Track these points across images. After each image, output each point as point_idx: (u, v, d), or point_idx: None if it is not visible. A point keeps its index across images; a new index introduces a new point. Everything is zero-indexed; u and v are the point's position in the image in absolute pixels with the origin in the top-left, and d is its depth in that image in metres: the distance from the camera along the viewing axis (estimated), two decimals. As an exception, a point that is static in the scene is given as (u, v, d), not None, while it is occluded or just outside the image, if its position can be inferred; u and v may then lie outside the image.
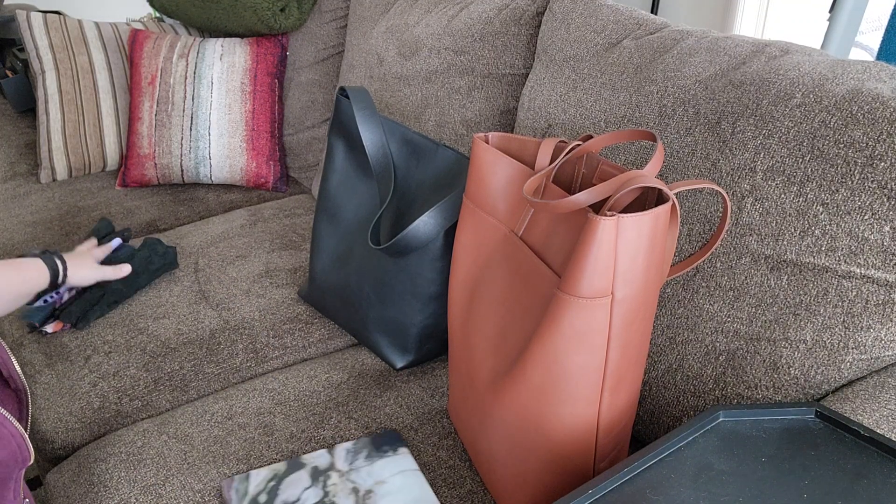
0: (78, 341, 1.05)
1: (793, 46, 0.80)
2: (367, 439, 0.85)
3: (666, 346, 0.81)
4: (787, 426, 0.59)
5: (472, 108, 1.15)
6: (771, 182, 0.72)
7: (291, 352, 1.07)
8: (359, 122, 0.96)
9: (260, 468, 0.81)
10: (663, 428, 0.84)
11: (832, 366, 0.70)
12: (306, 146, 1.62)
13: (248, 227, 1.37)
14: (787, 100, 0.73)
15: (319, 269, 1.08)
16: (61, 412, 0.95)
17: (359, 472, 0.80)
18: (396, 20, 1.31)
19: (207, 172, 1.55)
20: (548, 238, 0.66)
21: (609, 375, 0.63)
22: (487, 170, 0.74)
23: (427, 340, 0.98)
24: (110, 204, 1.52)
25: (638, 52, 0.89)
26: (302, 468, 0.81)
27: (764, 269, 0.73)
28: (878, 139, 0.66)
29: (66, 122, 1.57)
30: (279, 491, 0.78)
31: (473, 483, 0.80)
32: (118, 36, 1.66)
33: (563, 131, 0.96)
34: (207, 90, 1.52)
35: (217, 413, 0.91)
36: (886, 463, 0.54)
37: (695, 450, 0.57)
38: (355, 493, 0.77)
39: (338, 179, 1.05)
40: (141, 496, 0.79)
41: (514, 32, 1.10)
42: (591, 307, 0.59)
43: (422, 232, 0.87)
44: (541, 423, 0.66)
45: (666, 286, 0.81)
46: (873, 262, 0.66)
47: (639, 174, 0.60)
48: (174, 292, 1.16)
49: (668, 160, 0.82)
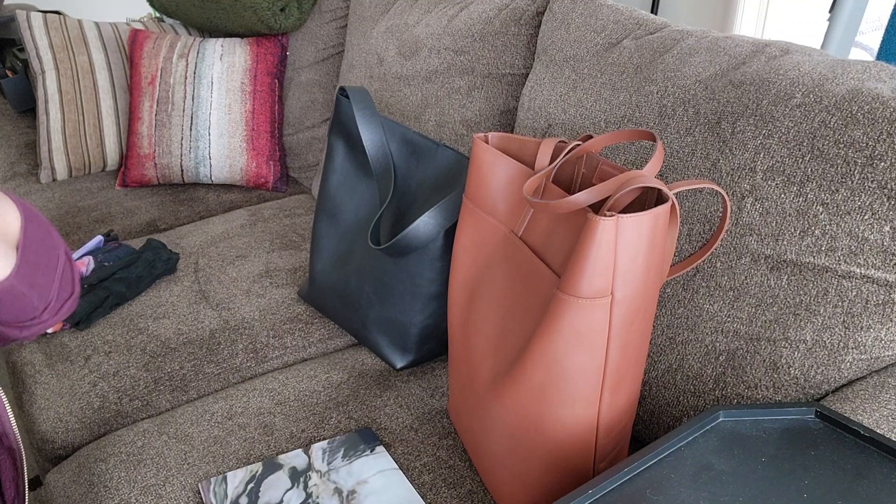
0: (78, 341, 1.05)
1: (793, 46, 0.80)
2: (342, 438, 0.85)
3: (666, 346, 0.81)
4: (787, 426, 0.59)
5: (472, 108, 1.15)
6: (771, 182, 0.72)
7: (291, 352, 1.07)
8: (359, 122, 0.96)
9: (236, 469, 0.81)
10: (663, 428, 0.84)
11: (832, 366, 0.70)
12: (306, 146, 1.62)
13: (248, 227, 1.37)
14: (787, 100, 0.73)
15: (319, 269, 1.08)
16: (61, 412, 0.95)
17: (338, 473, 0.80)
18: (396, 20, 1.31)
19: (207, 172, 1.55)
20: (548, 238, 0.66)
21: (609, 375, 0.63)
22: (487, 170, 0.74)
23: (427, 340, 0.98)
24: (110, 204, 1.52)
25: (638, 52, 0.89)
26: (279, 469, 0.81)
27: (764, 269, 0.73)
28: (878, 139, 0.66)
29: (66, 122, 1.57)
30: (260, 493, 0.77)
31: (473, 483, 0.80)
32: (118, 36, 1.66)
33: (563, 131, 0.96)
34: (207, 90, 1.52)
35: (217, 413, 0.91)
36: (886, 463, 0.54)
37: (695, 450, 0.57)
38: (338, 493, 0.77)
39: (338, 179, 1.05)
40: (141, 496, 0.79)
41: (514, 32, 1.10)
42: (590, 307, 0.59)
43: (422, 232, 0.87)
44: (541, 423, 0.66)
45: (666, 286, 0.81)
46: (873, 262, 0.66)
47: (638, 174, 0.60)
48: (174, 292, 1.16)
49: (668, 160, 0.82)
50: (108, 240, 1.26)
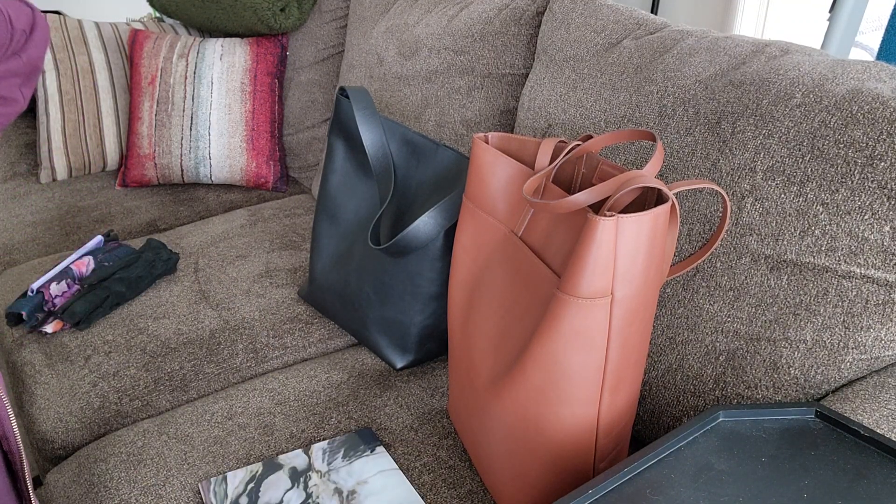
0: (78, 341, 1.05)
1: (793, 46, 0.80)
2: (342, 438, 0.85)
3: (666, 346, 0.81)
4: (787, 426, 0.59)
5: (472, 108, 1.15)
6: (771, 182, 0.72)
7: (291, 352, 1.07)
8: (359, 122, 0.96)
9: (236, 470, 0.81)
10: (663, 428, 0.84)
11: (832, 366, 0.70)
12: (306, 146, 1.62)
13: (248, 227, 1.37)
14: (787, 100, 0.73)
15: (319, 269, 1.08)
16: (61, 412, 0.95)
17: (338, 473, 0.80)
18: (396, 20, 1.31)
19: (207, 172, 1.55)
20: (547, 238, 0.66)
21: (609, 375, 0.63)
22: (487, 170, 0.74)
23: (427, 340, 0.98)
24: (110, 204, 1.52)
25: (638, 52, 0.89)
26: (279, 469, 0.81)
27: (764, 269, 0.73)
28: (878, 139, 0.66)
29: (66, 122, 1.57)
30: (260, 493, 0.77)
31: (473, 483, 0.80)
32: (118, 36, 1.66)
33: (563, 131, 0.96)
34: (207, 90, 1.52)
35: (217, 413, 0.91)
36: (886, 463, 0.54)
37: (695, 450, 0.57)
38: (338, 493, 0.77)
39: (338, 179, 1.05)
40: (141, 496, 0.79)
41: (514, 32, 1.10)
42: (590, 307, 0.59)
43: (422, 232, 0.87)
44: (540, 423, 0.66)
45: (666, 286, 0.81)
46: (873, 262, 0.66)
47: (638, 174, 0.60)
48: (174, 292, 1.16)
49: (668, 160, 0.82)
50: (108, 240, 1.26)
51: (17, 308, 1.06)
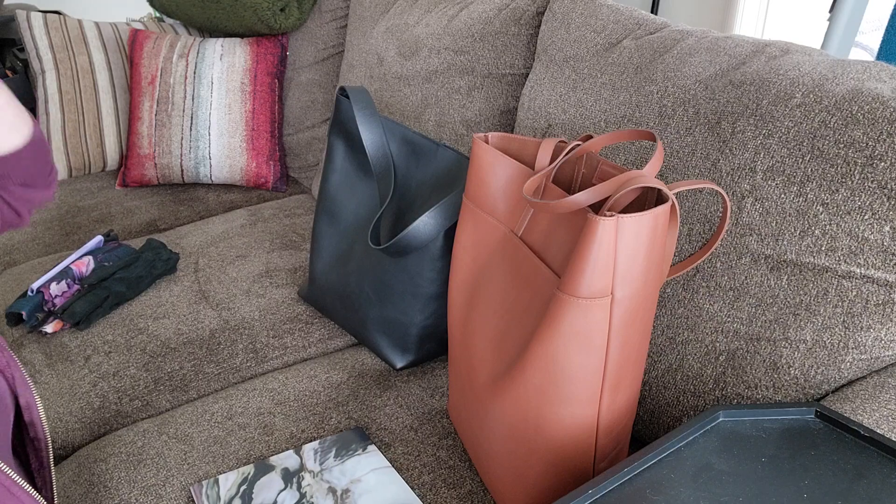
0: (78, 341, 1.05)
1: (793, 46, 0.80)
2: (332, 438, 0.85)
3: (666, 346, 0.81)
4: (787, 426, 0.59)
5: (472, 108, 1.15)
6: (771, 182, 0.72)
7: (291, 352, 1.07)
8: (359, 122, 0.96)
9: (228, 472, 0.81)
10: (663, 428, 0.84)
11: (832, 366, 0.70)
12: (306, 146, 1.62)
13: (248, 227, 1.37)
14: (787, 100, 0.73)
15: (319, 269, 1.08)
16: (61, 412, 0.95)
17: (331, 472, 0.80)
18: (396, 20, 1.31)
19: (207, 172, 1.55)
20: (547, 238, 0.66)
21: (609, 375, 0.63)
22: (487, 170, 0.74)
23: (427, 340, 0.98)
24: (110, 204, 1.52)
25: (638, 52, 0.89)
26: (271, 470, 0.81)
27: (764, 269, 0.73)
28: (878, 139, 0.66)
29: (66, 122, 1.57)
30: (253, 494, 0.77)
31: (473, 483, 0.80)
32: (118, 36, 1.66)
33: (563, 131, 0.96)
34: (207, 90, 1.52)
35: (217, 413, 0.91)
36: (886, 463, 0.54)
37: (695, 450, 0.57)
38: (332, 493, 0.77)
39: (338, 179, 1.05)
40: (141, 496, 0.79)
41: (514, 32, 1.10)
42: (590, 307, 0.59)
43: (422, 232, 0.87)
44: (540, 423, 0.66)
45: (666, 286, 0.81)
46: (873, 262, 0.66)
47: (638, 174, 0.60)
48: (174, 292, 1.16)
49: (668, 160, 0.82)
50: (108, 240, 1.26)
51: (17, 308, 1.06)
